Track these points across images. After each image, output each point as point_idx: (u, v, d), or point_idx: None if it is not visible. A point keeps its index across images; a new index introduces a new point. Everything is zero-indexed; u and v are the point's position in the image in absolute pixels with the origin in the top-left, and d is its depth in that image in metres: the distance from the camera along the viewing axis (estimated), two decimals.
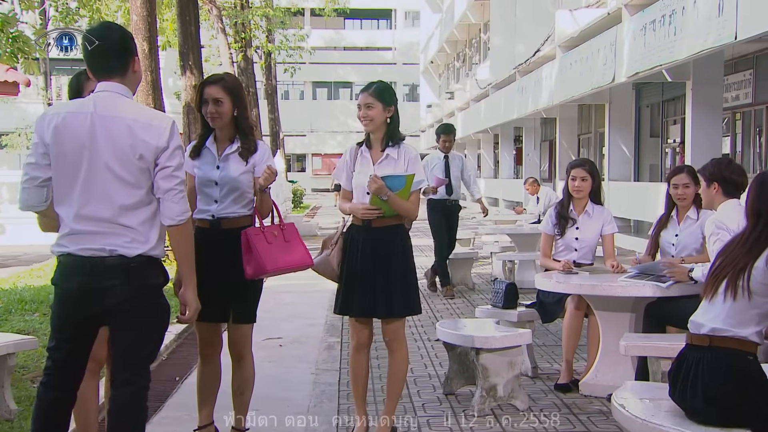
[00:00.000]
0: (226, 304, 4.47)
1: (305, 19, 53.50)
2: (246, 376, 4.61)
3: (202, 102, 4.47)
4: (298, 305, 9.73)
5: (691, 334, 3.45)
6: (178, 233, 3.50)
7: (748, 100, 16.83)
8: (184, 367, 6.71)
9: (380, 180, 4.50)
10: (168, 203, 3.46)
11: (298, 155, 62.73)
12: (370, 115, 4.66)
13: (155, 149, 3.42)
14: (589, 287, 5.42)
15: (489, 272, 12.62)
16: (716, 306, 3.41)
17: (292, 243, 4.46)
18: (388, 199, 4.53)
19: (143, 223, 3.46)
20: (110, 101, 3.45)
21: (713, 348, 3.34)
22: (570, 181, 6.20)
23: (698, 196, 5.70)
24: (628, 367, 5.42)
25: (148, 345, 3.52)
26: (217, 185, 4.43)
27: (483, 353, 5.21)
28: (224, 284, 4.43)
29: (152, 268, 3.49)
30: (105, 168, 3.39)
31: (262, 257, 4.30)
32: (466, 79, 38.02)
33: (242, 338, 4.56)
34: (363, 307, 4.68)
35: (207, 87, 4.47)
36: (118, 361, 3.51)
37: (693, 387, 3.33)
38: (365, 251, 4.66)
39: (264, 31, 30.21)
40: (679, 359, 3.46)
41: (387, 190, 4.51)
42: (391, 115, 4.70)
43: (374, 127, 4.68)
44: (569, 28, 19.80)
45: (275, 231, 4.45)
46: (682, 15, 11.54)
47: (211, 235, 4.44)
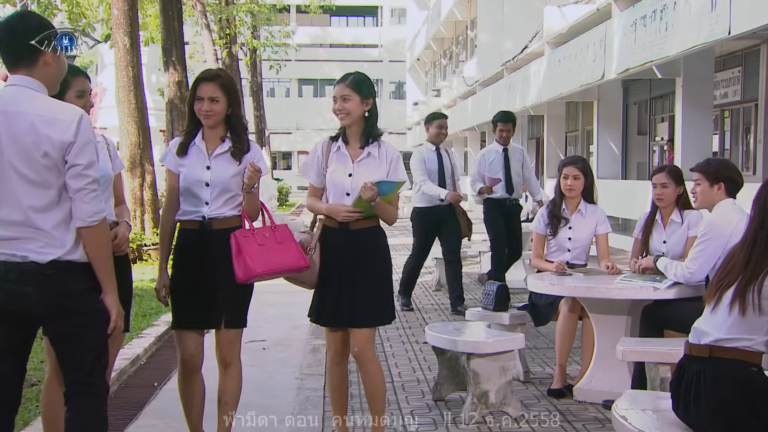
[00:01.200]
0: (215, 308, 4.23)
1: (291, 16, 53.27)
2: (233, 384, 4.39)
3: (195, 98, 4.22)
4: (282, 306, 9.47)
5: (690, 344, 3.24)
6: (92, 236, 3.22)
7: (737, 97, 16.73)
8: (163, 371, 6.47)
9: (375, 188, 4.18)
10: (79, 204, 3.19)
11: (284, 153, 62.54)
12: (347, 108, 4.34)
13: (60, 145, 3.15)
14: (584, 289, 5.20)
15: (477, 271, 12.42)
16: (720, 315, 3.21)
17: (285, 245, 4.20)
18: (376, 205, 4.27)
19: (57, 225, 3.20)
20: (16, 96, 3.19)
21: (713, 359, 3.14)
22: (562, 180, 5.99)
23: (680, 197, 5.56)
24: (624, 373, 5.23)
25: (89, 353, 3.26)
26: (208, 186, 4.20)
27: (474, 358, 4.99)
28: (213, 288, 4.20)
29: (72, 274, 3.22)
30: (10, 168, 3.14)
31: (252, 260, 4.07)
32: (453, 77, 37.84)
33: (231, 344, 4.33)
34: (339, 317, 4.38)
35: (202, 84, 4.23)
36: (64, 372, 3.29)
37: (696, 401, 3.13)
38: (345, 256, 4.36)
39: (249, 27, 29.98)
40: (679, 371, 3.26)
41: (377, 196, 4.22)
42: (369, 108, 4.37)
43: (351, 122, 4.37)
44: (558, 25, 19.62)
45: (266, 233, 4.20)
46: (674, 10, 11.37)
47: (200, 237, 4.22)
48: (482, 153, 9.26)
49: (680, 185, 5.61)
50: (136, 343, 7.15)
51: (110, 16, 14.06)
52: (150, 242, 13.40)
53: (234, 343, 4.34)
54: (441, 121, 8.97)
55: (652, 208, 5.74)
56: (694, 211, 5.60)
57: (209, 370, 4.46)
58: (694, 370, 3.16)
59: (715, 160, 5.11)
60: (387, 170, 4.36)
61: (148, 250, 13.37)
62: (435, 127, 8.85)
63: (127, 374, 6.33)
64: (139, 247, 13.28)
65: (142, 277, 11.47)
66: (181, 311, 4.32)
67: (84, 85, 4.02)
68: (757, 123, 15.77)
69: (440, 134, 8.84)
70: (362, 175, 4.29)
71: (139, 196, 13.60)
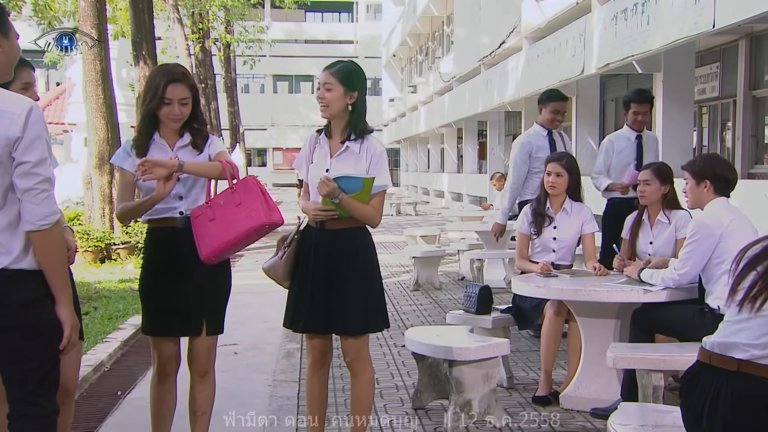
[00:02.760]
0: (194, 314, 3.93)
1: (265, 11, 52.86)
2: (209, 394, 4.11)
3: (162, 101, 3.86)
4: (257, 307, 9.17)
5: (711, 353, 2.86)
6: (42, 240, 2.90)
7: (715, 93, 16.63)
8: (128, 379, 6.14)
9: (332, 182, 3.86)
10: (28, 205, 2.86)
11: (259, 149, 62.05)
12: (327, 98, 3.99)
13: (6, 140, 2.82)
14: (571, 292, 4.91)
15: (456, 270, 12.20)
16: (758, 325, 2.73)
17: (244, 205, 3.80)
18: (341, 203, 3.90)
19: (2, 230, 2.88)
20: None
21: (741, 375, 2.75)
22: (545, 176, 5.73)
23: (666, 196, 5.34)
24: (613, 378, 4.98)
25: (36, 371, 2.94)
26: (180, 181, 3.88)
27: (456, 365, 4.69)
28: (193, 292, 3.90)
29: (21, 283, 2.90)
30: None
31: (202, 240, 3.77)
32: (429, 73, 37.64)
33: (208, 351, 4.05)
34: (314, 322, 4.07)
35: (171, 86, 3.86)
36: (8, 391, 2.98)
37: (711, 415, 2.80)
38: (318, 257, 4.05)
39: (222, 22, 29.59)
40: (692, 381, 2.91)
41: (339, 193, 3.87)
42: (353, 102, 4.03)
43: (330, 114, 4.03)
44: (536, 19, 19.38)
45: (222, 199, 3.85)
46: (656, 3, 11.14)
47: (178, 235, 3.90)
48: (609, 140, 7.31)
49: (666, 184, 5.38)
50: (101, 349, 6.79)
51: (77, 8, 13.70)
52: (119, 241, 13.07)
53: (212, 350, 4.07)
54: (558, 104, 7.25)
55: (639, 207, 5.52)
56: (682, 211, 5.38)
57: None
58: (713, 383, 2.80)
59: (702, 157, 4.88)
60: (366, 167, 4.02)
61: (117, 249, 13.04)
62: (550, 111, 7.24)
63: (89, 382, 5.98)
64: (107, 246, 12.97)
65: (111, 278, 11.14)
66: (154, 318, 4.00)
67: (29, 77, 3.66)
68: (735, 119, 15.66)
69: (555, 120, 7.30)
70: (338, 171, 3.98)
71: (108, 194, 13.26)
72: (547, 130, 7.29)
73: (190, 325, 3.96)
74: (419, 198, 35.41)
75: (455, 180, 31.99)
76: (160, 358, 4.04)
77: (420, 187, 40.90)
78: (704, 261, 4.46)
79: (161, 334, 4.01)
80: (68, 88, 24.70)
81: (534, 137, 7.39)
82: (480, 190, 26.51)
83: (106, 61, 13.32)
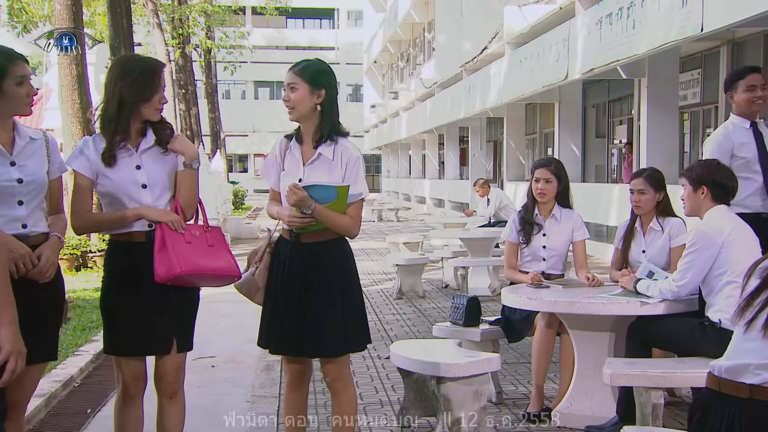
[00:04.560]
0: (163, 332, 3.67)
1: (246, 17, 52.62)
2: (178, 416, 3.83)
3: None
4: (235, 316, 8.88)
5: (720, 379, 2.65)
6: None
7: (697, 99, 16.57)
8: (98, 396, 5.85)
9: (301, 191, 3.58)
10: None
11: (240, 155, 62.11)
12: (293, 99, 3.74)
13: None
14: (565, 304, 4.66)
15: (440, 278, 11.98)
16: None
17: (216, 248, 3.66)
18: (313, 213, 3.63)
19: None
20: None
21: (755, 402, 2.53)
22: (533, 183, 5.49)
23: (659, 204, 5.15)
24: (608, 394, 4.75)
25: None
26: (146, 188, 3.62)
27: (445, 382, 4.44)
28: (162, 309, 3.64)
29: None
30: None
31: (176, 256, 3.52)
32: (411, 79, 37.58)
33: (178, 370, 3.77)
34: (288, 343, 3.81)
35: None
36: None
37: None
38: (293, 272, 3.78)
39: (203, 28, 29.35)
40: (702, 409, 2.69)
41: (311, 203, 3.61)
42: (321, 101, 3.75)
43: (298, 116, 3.78)
44: (518, 25, 19.25)
45: (196, 231, 3.65)
46: (642, 7, 11.00)
47: (144, 249, 3.62)
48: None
49: (660, 191, 5.18)
50: (71, 362, 6.49)
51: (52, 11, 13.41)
52: (96, 249, 12.76)
53: (182, 368, 3.80)
54: (752, 77, 5.33)
55: (632, 215, 5.32)
56: (675, 218, 5.18)
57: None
58: (726, 413, 2.59)
59: (700, 163, 4.65)
60: (342, 174, 3.75)
61: (93, 257, 12.74)
62: (744, 89, 5.32)
63: (57, 399, 5.68)
64: (83, 254, 12.68)
65: (86, 286, 10.83)
66: (118, 337, 3.73)
67: (24, 70, 3.35)
68: (717, 125, 15.58)
69: (754, 101, 5.31)
70: (312, 180, 3.72)
71: None
72: (749, 121, 5.32)
73: (158, 343, 3.69)
74: (401, 204, 35.35)
75: (437, 186, 31.90)
76: (126, 374, 3.74)
77: (401, 193, 40.83)
78: (705, 272, 4.25)
79: (126, 354, 3.73)
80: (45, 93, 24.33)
81: (733, 132, 5.34)
82: (461, 196, 26.41)
83: (83, 66, 13.02)
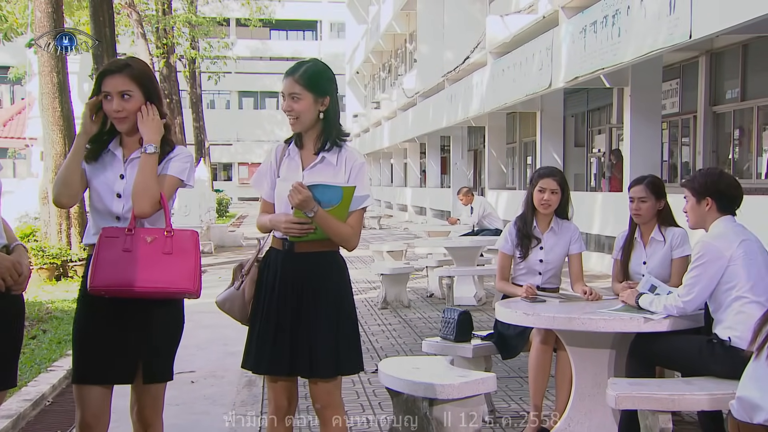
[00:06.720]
0: (139, 357, 3.37)
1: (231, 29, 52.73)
2: None
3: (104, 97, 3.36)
4: (217, 328, 8.58)
5: (738, 423, 2.42)
6: None
7: (675, 109, 16.56)
8: (70, 416, 5.51)
9: (306, 190, 3.33)
10: None
11: (225, 164, 62.98)
12: (296, 110, 3.46)
13: None
14: (564, 320, 4.38)
15: (424, 287, 11.77)
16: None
17: (175, 257, 3.28)
18: (315, 216, 3.38)
19: None
20: None
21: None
22: (537, 193, 5.18)
23: (660, 212, 4.96)
24: (608, 415, 4.51)
25: None
26: (120, 198, 3.36)
27: (438, 404, 4.19)
28: (141, 330, 3.34)
29: None
30: None
31: (97, 267, 3.21)
32: (393, 89, 37.61)
33: (154, 401, 3.47)
34: (278, 363, 3.51)
35: (107, 78, 3.36)
36: None
37: None
38: (285, 285, 3.50)
39: (187, 38, 29.21)
40: None
41: (314, 204, 3.36)
42: (325, 108, 3.52)
43: (302, 127, 3.52)
44: (500, 34, 19.11)
45: (149, 236, 3.29)
46: (627, 15, 10.85)
47: None
48: None
49: (661, 199, 4.99)
50: (43, 379, 6.18)
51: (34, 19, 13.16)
52: (77, 257, 12.54)
53: (160, 398, 3.50)
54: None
55: (631, 225, 5.11)
56: (677, 228, 4.98)
57: None
58: None
59: (702, 172, 4.45)
60: (345, 179, 3.51)
61: (74, 266, 12.52)
62: None
63: (26, 420, 5.37)
64: (64, 263, 12.51)
65: (66, 297, 10.56)
66: (87, 362, 3.37)
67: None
68: (696, 135, 15.58)
69: None
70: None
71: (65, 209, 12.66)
72: None
73: (131, 370, 3.38)
74: (383, 212, 35.42)
75: (418, 194, 32.00)
76: (85, 411, 3.37)
77: (383, 200, 41.03)
78: (712, 286, 4.03)
79: (86, 381, 3.37)
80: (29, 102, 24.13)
81: None
82: (443, 204, 26.40)
83: (64, 74, 12.85)
